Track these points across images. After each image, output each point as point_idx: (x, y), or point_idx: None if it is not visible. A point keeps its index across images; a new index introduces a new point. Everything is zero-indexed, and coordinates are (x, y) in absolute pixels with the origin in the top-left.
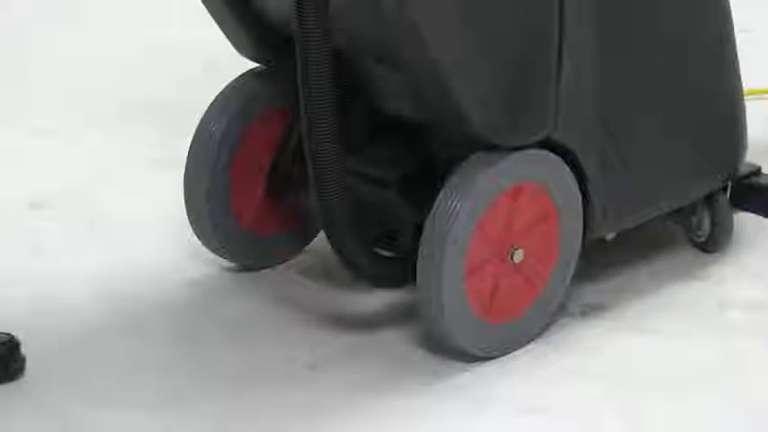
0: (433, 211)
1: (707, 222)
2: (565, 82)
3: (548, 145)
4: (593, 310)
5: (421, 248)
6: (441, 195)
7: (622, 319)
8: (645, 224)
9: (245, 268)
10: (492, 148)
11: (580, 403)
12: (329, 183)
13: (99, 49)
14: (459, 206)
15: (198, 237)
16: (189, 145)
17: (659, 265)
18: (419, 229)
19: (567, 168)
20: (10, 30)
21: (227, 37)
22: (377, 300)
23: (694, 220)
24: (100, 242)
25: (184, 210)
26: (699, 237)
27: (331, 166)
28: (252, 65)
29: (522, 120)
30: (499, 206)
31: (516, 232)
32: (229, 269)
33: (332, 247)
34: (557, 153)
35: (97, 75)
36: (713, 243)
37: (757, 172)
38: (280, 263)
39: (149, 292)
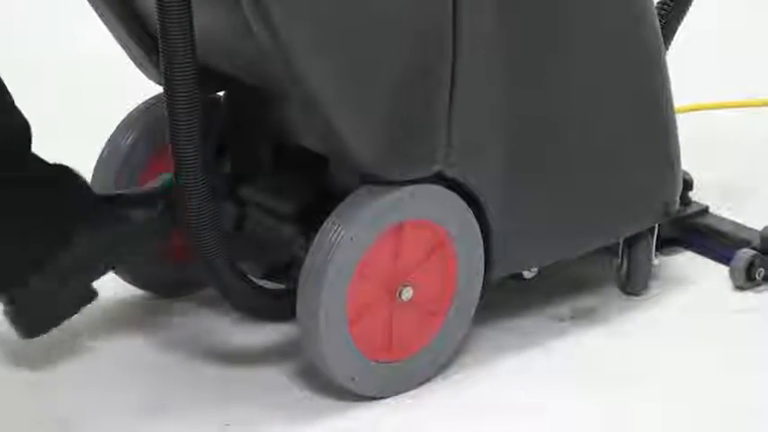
0: (314, 243)
1: (626, 265)
2: (459, 115)
3: (442, 180)
4: (583, 313)
5: (300, 280)
6: (323, 227)
7: (613, 323)
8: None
9: (148, 297)
10: (382, 181)
11: (570, 406)
12: (201, 216)
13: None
14: (340, 239)
15: None
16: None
17: None
18: None
19: (465, 205)
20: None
21: (133, 61)
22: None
23: (617, 261)
24: None
25: None
26: (620, 278)
27: (201, 197)
28: None
29: (408, 153)
30: (384, 241)
31: (405, 269)
32: (132, 296)
33: (207, 278)
34: (452, 189)
35: (94, 74)
36: (630, 286)
37: (704, 212)
38: (191, 292)
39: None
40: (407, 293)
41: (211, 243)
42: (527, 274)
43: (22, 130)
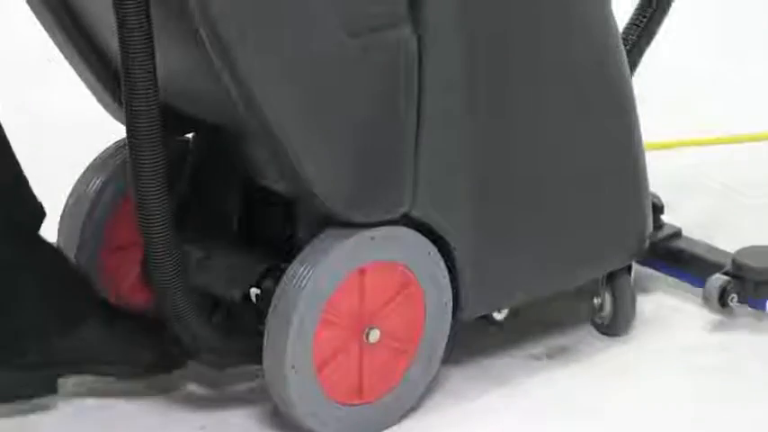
0: (279, 288)
1: (609, 305)
2: (425, 157)
3: (408, 222)
4: (557, 352)
5: (266, 327)
6: (288, 271)
7: (586, 362)
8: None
9: None
10: (347, 224)
11: None
12: (165, 266)
13: None
14: (305, 283)
15: None
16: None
17: None
18: None
19: (432, 246)
20: None
21: (101, 104)
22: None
23: (597, 301)
24: None
25: None
26: (601, 319)
27: (165, 244)
28: None
29: (374, 195)
30: (350, 284)
31: (371, 311)
32: None
33: (178, 333)
34: (419, 230)
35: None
36: (614, 327)
37: (678, 234)
38: None
39: None
40: (375, 336)
41: (177, 293)
42: (497, 316)
43: (35, 211)
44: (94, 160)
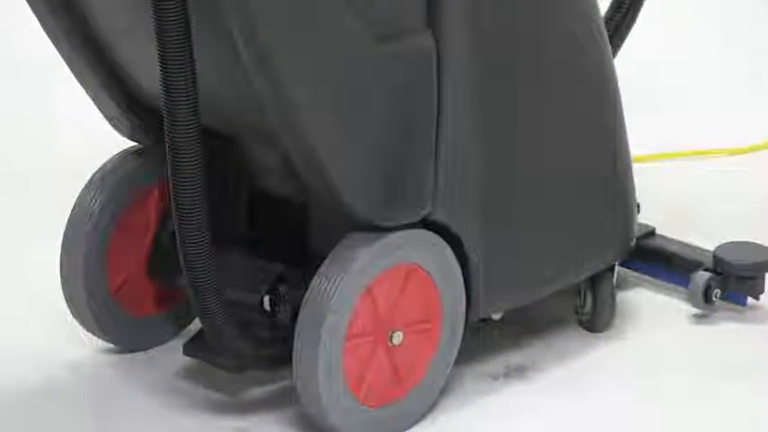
0: (307, 297)
1: (590, 303)
2: (443, 160)
3: (428, 225)
4: (515, 371)
5: (297, 334)
6: (315, 279)
7: (546, 381)
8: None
9: (122, 350)
10: (368, 228)
11: None
12: (202, 273)
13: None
14: (334, 289)
15: (75, 317)
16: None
17: None
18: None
19: (449, 249)
20: None
21: (105, 117)
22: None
23: (578, 300)
24: None
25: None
26: (583, 316)
27: (203, 254)
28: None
29: (399, 198)
30: (378, 287)
31: (395, 314)
32: (105, 350)
33: (212, 342)
34: (437, 233)
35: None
36: (594, 324)
37: (651, 233)
38: (157, 344)
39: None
40: (398, 338)
41: (210, 297)
42: (495, 316)
43: None
44: (92, 177)
